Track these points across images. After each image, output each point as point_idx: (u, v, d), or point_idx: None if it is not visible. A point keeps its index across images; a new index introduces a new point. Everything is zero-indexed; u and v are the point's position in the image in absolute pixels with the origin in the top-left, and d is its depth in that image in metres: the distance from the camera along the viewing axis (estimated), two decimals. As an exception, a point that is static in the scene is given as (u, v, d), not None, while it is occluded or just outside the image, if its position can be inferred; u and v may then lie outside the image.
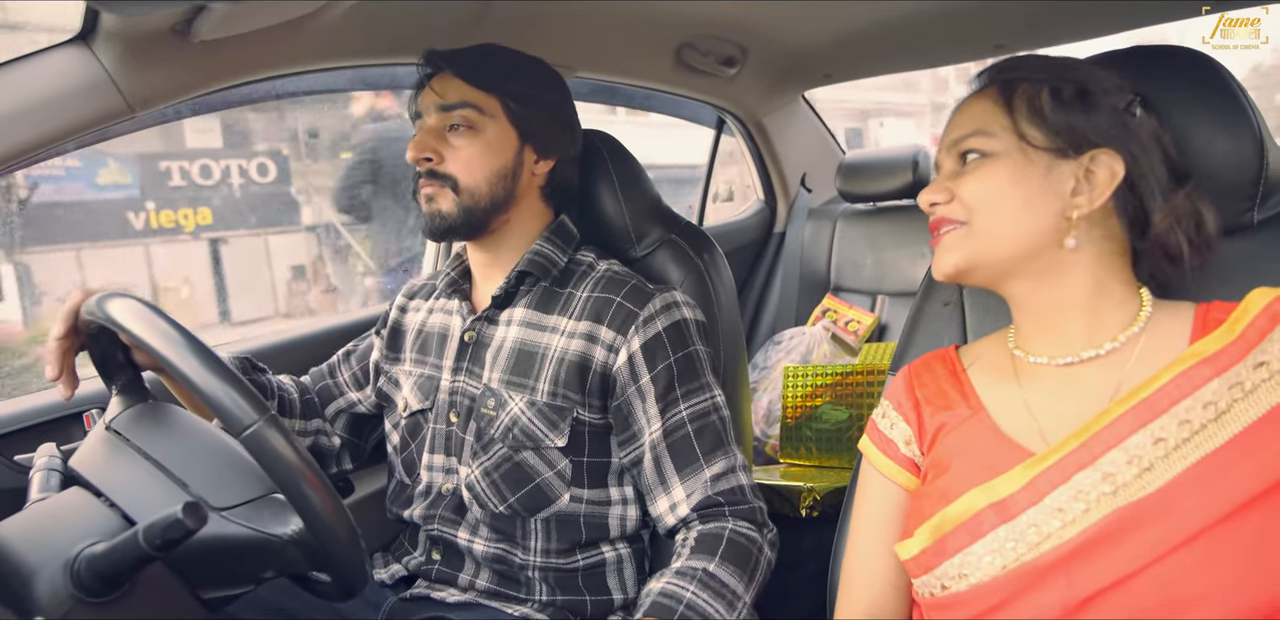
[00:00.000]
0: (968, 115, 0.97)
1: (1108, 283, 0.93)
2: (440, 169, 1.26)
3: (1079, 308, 0.93)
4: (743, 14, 1.93)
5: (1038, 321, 0.96)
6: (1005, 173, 0.92)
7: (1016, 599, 0.84)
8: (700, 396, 1.25)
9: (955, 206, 0.94)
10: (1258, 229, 1.04)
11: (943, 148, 0.99)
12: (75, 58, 1.15)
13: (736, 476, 1.23)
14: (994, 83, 0.97)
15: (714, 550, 1.15)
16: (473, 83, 1.27)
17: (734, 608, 1.12)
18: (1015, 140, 0.92)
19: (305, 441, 1.44)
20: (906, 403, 1.04)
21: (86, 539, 0.81)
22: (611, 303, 1.26)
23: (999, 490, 0.88)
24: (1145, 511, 0.80)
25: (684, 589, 1.11)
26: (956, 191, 0.94)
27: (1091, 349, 0.92)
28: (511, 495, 1.26)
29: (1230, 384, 0.83)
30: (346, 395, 1.49)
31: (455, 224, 1.27)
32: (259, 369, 1.40)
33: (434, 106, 1.27)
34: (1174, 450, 0.82)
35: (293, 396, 1.44)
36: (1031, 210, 0.91)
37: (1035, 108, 0.92)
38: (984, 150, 0.93)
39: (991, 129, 0.93)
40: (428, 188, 1.27)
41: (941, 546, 0.89)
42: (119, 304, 0.92)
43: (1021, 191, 0.91)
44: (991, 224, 0.92)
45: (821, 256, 2.78)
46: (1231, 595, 0.76)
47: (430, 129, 1.27)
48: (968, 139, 0.95)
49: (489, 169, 1.27)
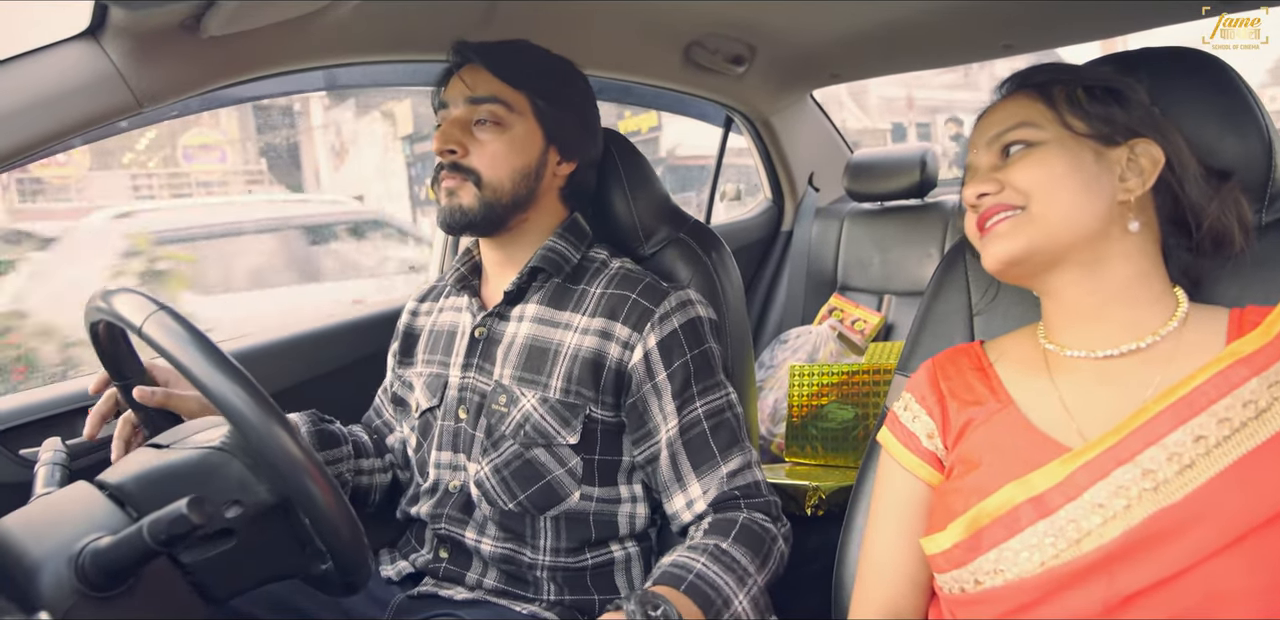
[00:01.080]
0: (1004, 113, 0.98)
1: (1149, 274, 0.94)
2: (465, 162, 1.25)
3: (1121, 300, 0.93)
4: (751, 13, 1.93)
5: (1077, 314, 0.96)
6: (1059, 158, 0.92)
7: (1054, 596, 0.84)
8: (716, 394, 1.25)
9: (1009, 193, 0.93)
10: (1265, 230, 1.04)
11: (978, 146, 0.99)
12: (84, 53, 1.15)
13: (752, 472, 1.23)
14: (1025, 87, 0.99)
15: (727, 532, 1.15)
16: (503, 77, 1.26)
17: (744, 584, 1.11)
18: (1060, 129, 0.94)
19: (385, 478, 1.45)
20: (930, 396, 1.04)
21: (91, 533, 0.81)
22: (627, 300, 1.25)
23: (1036, 485, 0.87)
24: (1189, 512, 0.80)
25: (695, 560, 1.10)
26: (1008, 180, 0.94)
27: (1132, 341, 0.92)
28: (521, 492, 1.25)
29: (1269, 383, 0.83)
30: (396, 432, 1.49)
31: (475, 219, 1.26)
32: (325, 420, 1.41)
33: (462, 98, 1.26)
34: (1215, 448, 0.82)
35: (363, 439, 1.45)
36: (1089, 194, 0.91)
37: (1074, 102, 0.95)
38: (1031, 140, 0.94)
39: (1036, 120, 0.95)
40: (449, 181, 1.26)
41: (977, 541, 0.89)
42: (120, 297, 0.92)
43: (1079, 175, 0.92)
44: (1051, 207, 0.91)
45: (828, 255, 2.78)
46: (1275, 594, 0.76)
47: (457, 121, 1.26)
48: (1011, 132, 0.95)
49: (513, 166, 1.26)
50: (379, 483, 1.44)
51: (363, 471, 1.43)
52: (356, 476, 1.42)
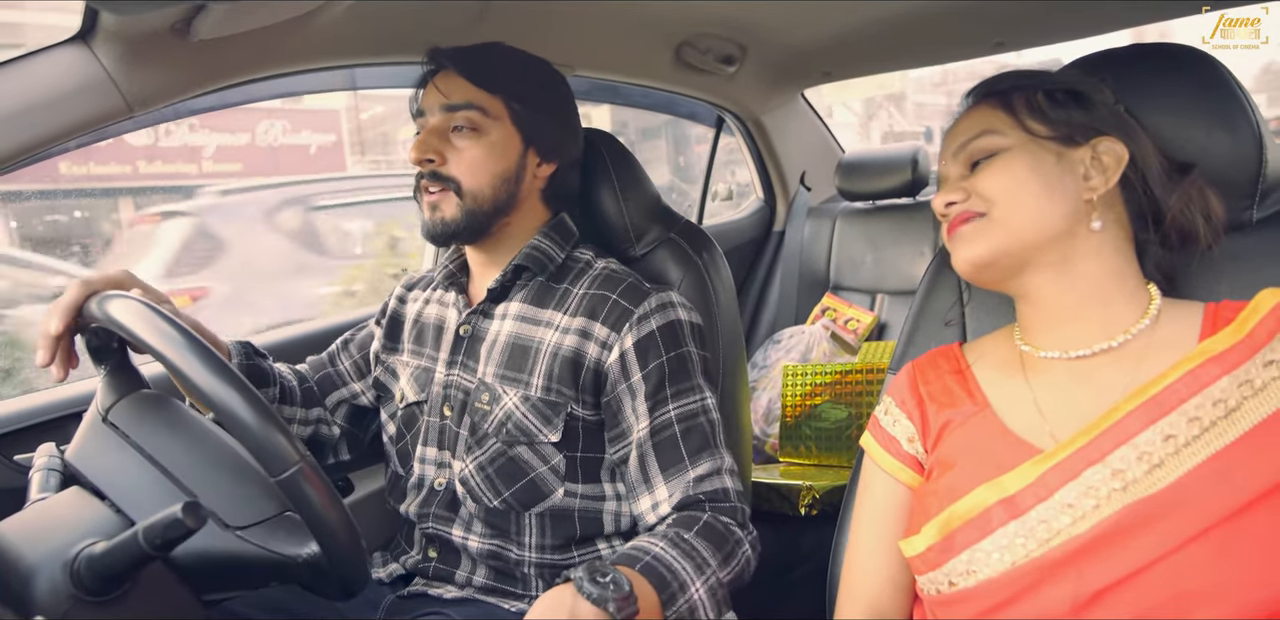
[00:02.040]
0: (969, 123, 1.00)
1: (1122, 271, 0.95)
2: (444, 171, 1.25)
3: (1093, 299, 0.94)
4: (742, 13, 1.93)
5: (1050, 315, 0.96)
6: (1020, 163, 0.94)
7: (1026, 594, 0.84)
8: (690, 397, 1.24)
9: (974, 201, 0.96)
10: (1257, 227, 1.04)
11: (946, 157, 1.01)
12: (75, 57, 1.15)
13: (722, 478, 1.21)
14: (986, 97, 1.01)
15: (690, 526, 1.13)
16: (478, 83, 1.25)
17: (702, 572, 1.07)
18: (1022, 134, 0.95)
19: (305, 431, 1.43)
20: (910, 400, 1.04)
21: (86, 538, 0.81)
22: (607, 300, 1.25)
23: (1008, 487, 0.88)
24: (1156, 507, 0.80)
25: (653, 545, 1.08)
26: (973, 188, 0.96)
27: (1104, 340, 0.93)
28: (506, 490, 1.26)
29: (1240, 382, 0.84)
30: (349, 385, 1.49)
31: (459, 229, 1.26)
32: (260, 355, 1.38)
33: (438, 106, 1.26)
34: (1184, 447, 0.82)
35: (292, 384, 1.43)
36: (1050, 195, 0.93)
37: (1034, 106, 0.96)
38: (993, 148, 0.96)
39: (997, 128, 0.96)
40: (431, 194, 1.26)
41: (949, 543, 0.90)
42: (120, 305, 0.92)
43: (1040, 178, 0.93)
44: (1013, 212, 0.93)
45: (821, 255, 2.78)
46: (1242, 591, 0.76)
47: (434, 129, 1.26)
48: (974, 141, 0.97)
49: (492, 172, 1.26)
50: (302, 435, 1.42)
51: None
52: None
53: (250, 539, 0.89)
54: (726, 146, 2.91)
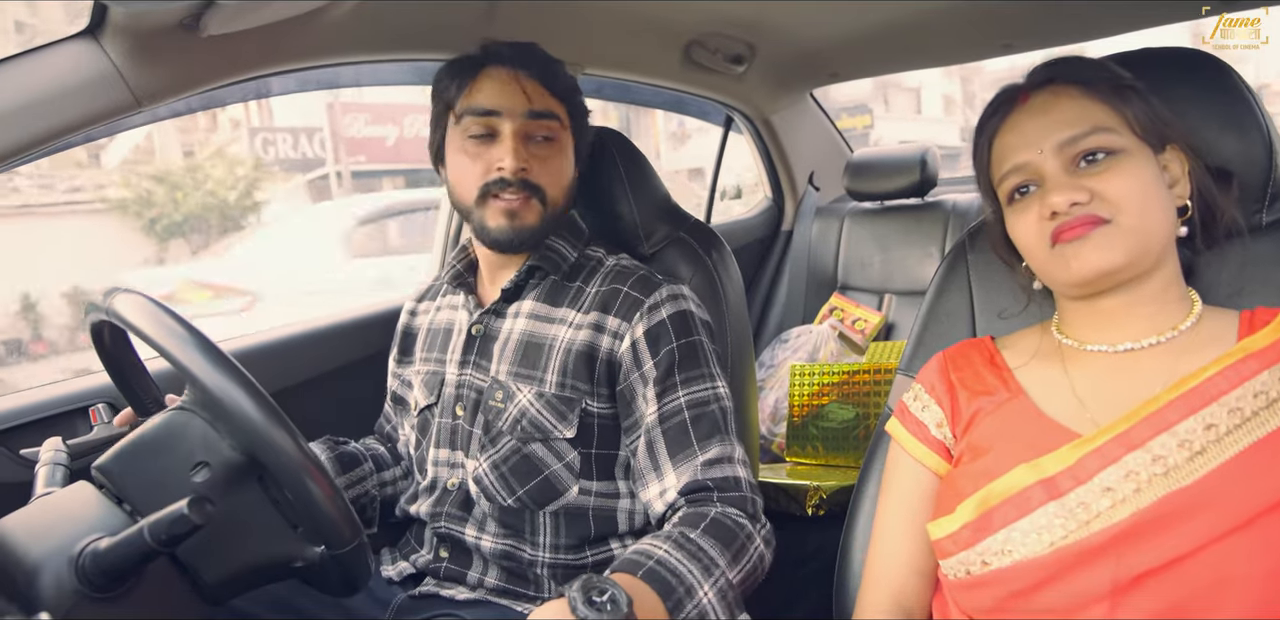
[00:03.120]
0: (1068, 114, 0.94)
1: (1178, 274, 0.96)
2: (531, 179, 1.24)
3: (1155, 300, 0.94)
4: (751, 12, 1.93)
5: (1111, 314, 0.96)
6: (1144, 169, 0.92)
7: (1062, 576, 0.84)
8: (701, 385, 1.23)
9: (1098, 204, 0.91)
10: (1266, 231, 1.04)
11: (1044, 148, 0.94)
12: (83, 52, 1.15)
13: (732, 466, 1.17)
14: (1072, 82, 0.96)
15: (696, 524, 1.08)
16: (554, 91, 1.27)
17: (710, 574, 1.01)
18: (1131, 136, 0.93)
19: (408, 483, 1.47)
20: (940, 386, 1.04)
21: (91, 534, 0.81)
22: (619, 293, 1.26)
23: (1046, 468, 0.88)
24: (1198, 496, 0.81)
25: (657, 547, 1.02)
26: (1099, 190, 0.91)
27: (1153, 336, 0.93)
28: (520, 488, 1.25)
29: (1279, 376, 0.84)
30: (401, 432, 1.51)
31: (537, 236, 1.27)
32: (340, 442, 1.43)
33: (521, 112, 1.25)
34: (1225, 436, 0.82)
35: (380, 451, 1.48)
36: (1164, 203, 0.92)
37: (1133, 104, 0.94)
38: (1112, 147, 0.92)
39: (1112, 126, 0.93)
40: (511, 200, 1.24)
41: (987, 521, 0.89)
42: (124, 299, 0.92)
43: (1158, 187, 0.92)
44: (1143, 221, 0.90)
45: (829, 255, 2.78)
46: (1276, 579, 0.77)
47: (521, 135, 1.25)
48: (1088, 138, 0.92)
49: (569, 180, 1.29)
50: (404, 489, 1.46)
51: (386, 483, 1.45)
52: (382, 489, 1.44)
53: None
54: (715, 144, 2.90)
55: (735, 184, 3.02)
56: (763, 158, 2.86)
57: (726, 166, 2.86)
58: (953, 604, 0.95)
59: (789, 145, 2.82)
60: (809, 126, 2.88)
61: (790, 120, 2.78)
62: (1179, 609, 0.79)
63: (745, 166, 3.01)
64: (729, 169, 2.87)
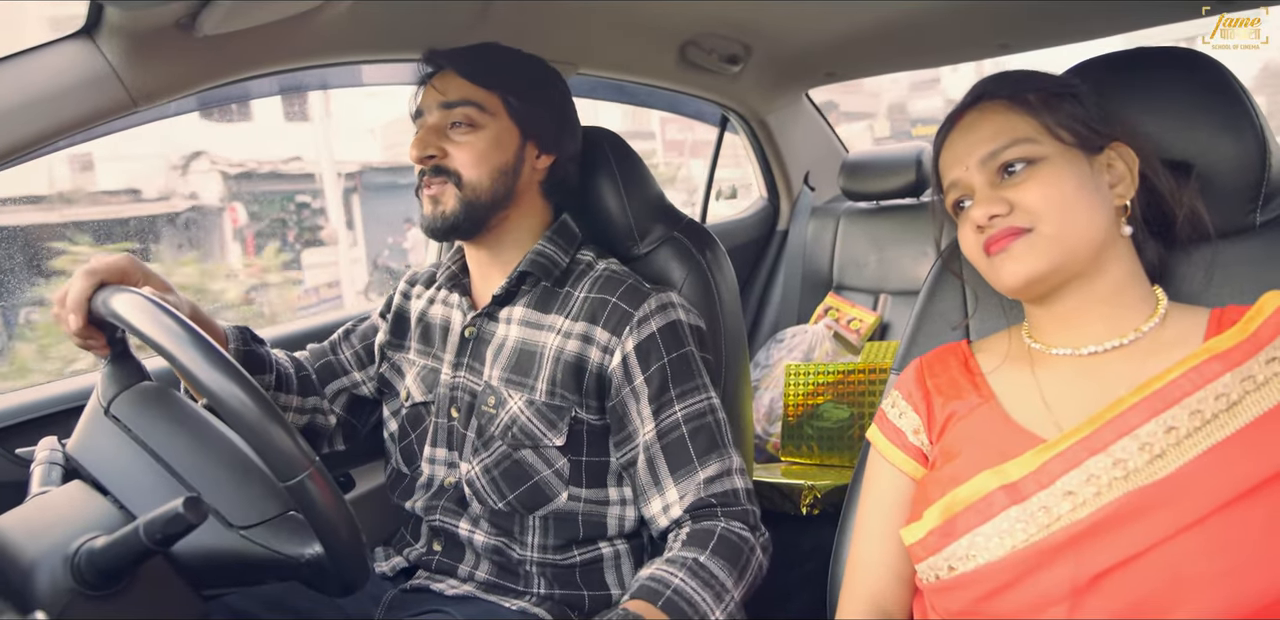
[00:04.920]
0: (990, 128, 0.97)
1: (1136, 273, 0.96)
2: (444, 164, 1.26)
3: (1111, 300, 0.95)
4: (746, 12, 1.93)
5: (1068, 317, 0.97)
6: (1063, 175, 0.92)
7: (1024, 579, 0.85)
8: (695, 397, 1.24)
9: (1019, 215, 0.93)
10: (1259, 231, 1.04)
11: (969, 164, 0.97)
12: (79, 51, 1.15)
13: (731, 479, 1.22)
14: (999, 97, 0.98)
15: (705, 544, 1.15)
16: (474, 80, 1.27)
17: (721, 600, 1.10)
18: (1055, 143, 0.94)
19: (301, 419, 1.42)
20: (916, 393, 1.06)
21: (87, 533, 0.81)
22: (607, 303, 1.26)
23: (1010, 473, 0.89)
24: (1156, 496, 0.82)
25: (673, 576, 1.10)
26: (1017, 201, 0.93)
27: (1115, 338, 0.94)
28: (510, 492, 1.26)
29: (1242, 378, 0.85)
30: (350, 374, 1.49)
31: (458, 222, 1.26)
32: (256, 340, 1.38)
33: (436, 104, 1.28)
34: (1185, 438, 0.83)
35: (289, 372, 1.42)
36: (1093, 206, 0.92)
37: (1055, 111, 0.95)
38: (1030, 157, 0.94)
39: (1029, 135, 0.94)
40: (431, 188, 1.27)
41: (951, 527, 0.91)
42: (121, 299, 0.92)
43: (1082, 190, 0.92)
44: (1063, 227, 0.91)
45: (824, 255, 2.78)
46: (1238, 579, 0.77)
47: (432, 127, 1.27)
48: (1008, 150, 0.94)
49: (491, 165, 1.27)
50: (296, 423, 1.42)
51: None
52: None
53: (253, 538, 0.89)
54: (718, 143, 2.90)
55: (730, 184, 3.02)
56: (758, 158, 2.87)
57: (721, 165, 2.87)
58: (930, 607, 0.96)
59: (784, 145, 2.82)
60: (804, 127, 2.88)
61: (786, 120, 2.78)
62: (1137, 609, 0.80)
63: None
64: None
